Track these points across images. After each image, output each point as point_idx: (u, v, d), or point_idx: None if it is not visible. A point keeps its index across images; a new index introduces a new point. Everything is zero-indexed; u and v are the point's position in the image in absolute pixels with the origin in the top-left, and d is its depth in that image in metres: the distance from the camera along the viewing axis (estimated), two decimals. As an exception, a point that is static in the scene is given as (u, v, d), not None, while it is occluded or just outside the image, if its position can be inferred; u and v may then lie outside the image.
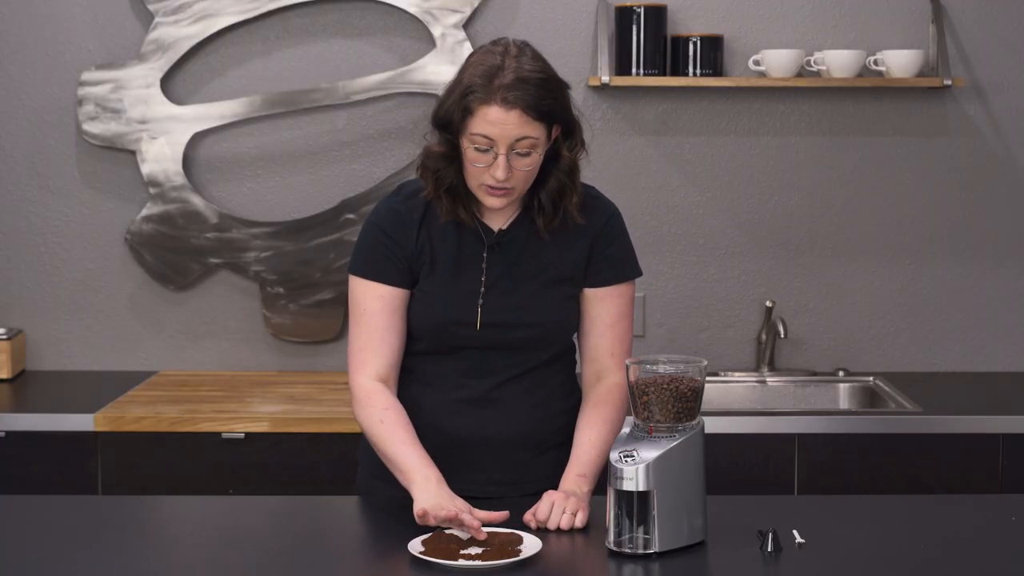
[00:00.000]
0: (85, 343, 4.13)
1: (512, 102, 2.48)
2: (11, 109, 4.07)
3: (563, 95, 2.57)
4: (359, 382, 2.62)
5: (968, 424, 3.57)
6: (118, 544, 2.43)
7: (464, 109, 2.51)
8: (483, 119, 2.49)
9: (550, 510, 2.48)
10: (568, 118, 2.58)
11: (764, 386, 4.06)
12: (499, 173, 2.50)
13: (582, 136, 2.61)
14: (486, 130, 2.49)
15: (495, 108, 2.49)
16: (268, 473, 3.55)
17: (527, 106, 2.48)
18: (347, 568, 2.34)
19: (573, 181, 2.61)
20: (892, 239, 4.13)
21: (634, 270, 2.71)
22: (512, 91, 2.48)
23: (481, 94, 2.49)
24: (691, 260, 4.14)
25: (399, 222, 2.62)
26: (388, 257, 2.62)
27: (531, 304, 2.63)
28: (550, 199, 2.60)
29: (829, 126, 4.10)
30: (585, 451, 2.62)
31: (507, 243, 2.64)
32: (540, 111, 2.50)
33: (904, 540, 2.43)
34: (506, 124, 2.48)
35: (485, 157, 2.51)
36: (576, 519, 2.47)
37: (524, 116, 2.49)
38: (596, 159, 4.08)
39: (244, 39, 4.07)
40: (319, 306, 4.07)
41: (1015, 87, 4.09)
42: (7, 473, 3.54)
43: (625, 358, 2.67)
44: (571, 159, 2.60)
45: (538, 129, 2.51)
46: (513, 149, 2.50)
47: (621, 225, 2.70)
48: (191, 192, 4.05)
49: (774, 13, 4.08)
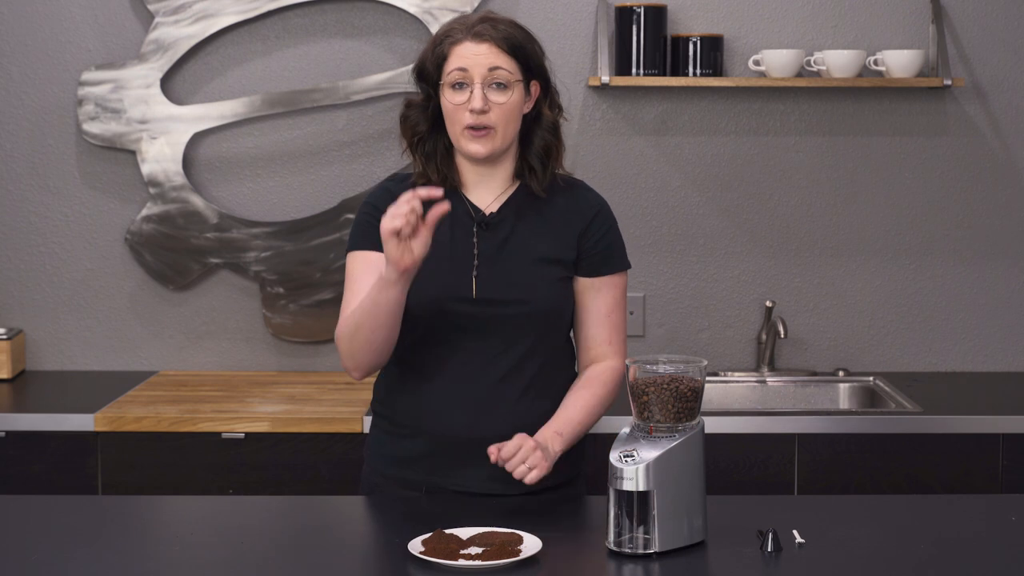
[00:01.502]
0: (85, 343, 4.13)
1: (482, 35, 2.61)
2: (11, 109, 4.07)
3: (533, 42, 2.67)
4: (336, 332, 2.66)
5: (968, 424, 3.57)
6: (118, 544, 2.43)
7: (439, 56, 2.64)
8: (456, 56, 2.62)
9: (514, 453, 2.52)
10: (542, 68, 2.68)
11: (764, 386, 4.06)
12: (476, 103, 2.59)
13: (559, 100, 2.72)
14: (460, 63, 2.61)
15: (467, 43, 2.61)
16: (268, 473, 3.55)
17: (497, 39, 2.61)
18: (347, 568, 2.34)
19: (557, 138, 2.72)
20: (892, 239, 4.13)
21: (624, 262, 2.76)
22: (481, 26, 2.62)
23: (453, 36, 2.64)
24: (691, 260, 4.14)
25: (390, 199, 2.64)
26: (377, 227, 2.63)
27: (523, 281, 2.66)
28: (539, 158, 2.69)
29: (829, 126, 4.11)
30: (567, 413, 2.66)
31: (496, 224, 2.68)
32: (511, 45, 2.62)
33: (904, 540, 2.43)
34: (478, 55, 2.60)
35: (462, 94, 2.61)
36: (529, 476, 2.51)
37: (495, 48, 2.61)
38: (596, 159, 4.09)
39: (244, 39, 4.07)
40: (319, 306, 4.07)
41: (1015, 87, 4.09)
42: (7, 473, 3.54)
43: (621, 346, 2.72)
44: (552, 117, 2.71)
45: (511, 64, 2.62)
46: (489, 82, 2.60)
47: (611, 217, 2.76)
48: (191, 192, 4.05)
49: (774, 13, 4.08)
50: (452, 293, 2.64)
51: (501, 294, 2.65)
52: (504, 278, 2.66)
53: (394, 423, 2.71)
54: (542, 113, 2.69)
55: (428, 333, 2.67)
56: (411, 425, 2.69)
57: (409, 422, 2.69)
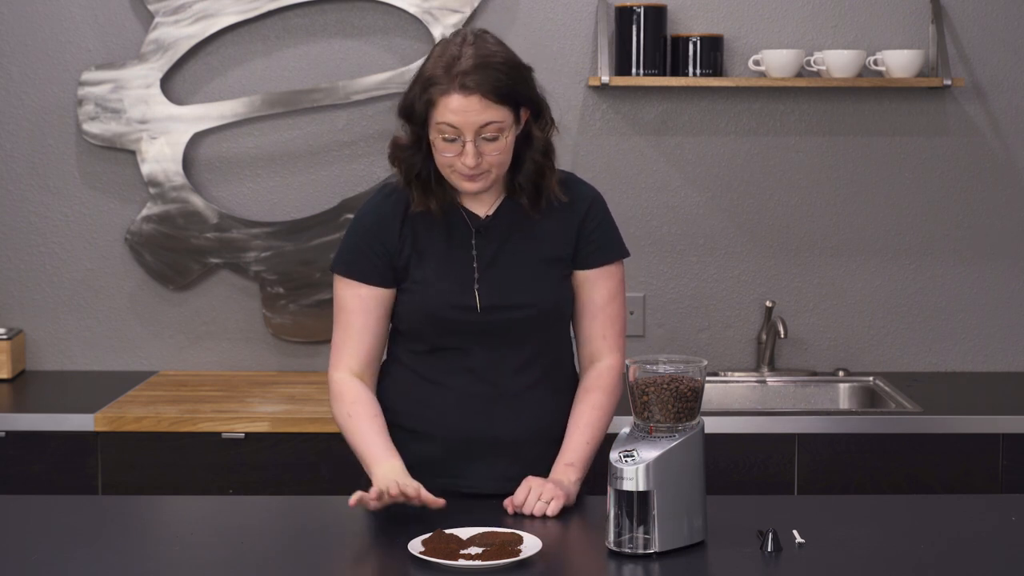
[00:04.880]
0: (85, 343, 4.13)
1: (471, 88, 2.51)
2: (11, 109, 4.07)
3: (523, 77, 2.59)
4: (332, 377, 2.69)
5: (968, 424, 3.57)
6: (118, 544, 2.43)
7: (427, 101, 2.55)
8: (445, 108, 2.53)
9: (526, 496, 2.53)
10: (533, 98, 2.61)
11: (764, 386, 4.06)
12: (468, 160, 2.54)
13: (551, 115, 2.65)
14: (450, 119, 2.53)
15: (455, 96, 2.52)
16: (268, 473, 3.55)
17: (487, 90, 2.52)
18: (347, 568, 2.34)
19: (549, 159, 2.65)
20: (892, 239, 4.13)
21: (621, 251, 2.74)
22: (470, 76, 2.51)
23: (441, 84, 2.53)
24: (691, 260, 4.14)
25: (381, 219, 2.65)
26: (368, 256, 2.65)
27: (527, 285, 2.65)
28: (530, 181, 2.64)
29: (829, 126, 4.10)
30: (574, 440, 2.66)
31: (494, 228, 2.67)
32: (500, 94, 2.53)
33: (904, 540, 2.43)
34: (468, 111, 2.52)
35: (454, 146, 2.55)
36: (549, 507, 2.52)
37: (485, 100, 2.52)
38: (596, 159, 4.09)
39: (244, 39, 4.07)
40: (319, 306, 4.07)
41: (1015, 87, 4.09)
42: (7, 473, 3.54)
43: (618, 340, 2.72)
44: (544, 139, 2.64)
45: (502, 112, 2.54)
46: (480, 135, 2.54)
47: (604, 207, 2.74)
48: (191, 192, 4.05)
49: (774, 13, 4.08)
50: (455, 304, 2.64)
51: (505, 300, 2.64)
52: (507, 284, 2.65)
53: (403, 428, 2.70)
54: (533, 135, 2.63)
55: (434, 342, 2.68)
56: (421, 430, 2.69)
57: (418, 427, 2.69)
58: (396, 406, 2.71)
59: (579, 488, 2.63)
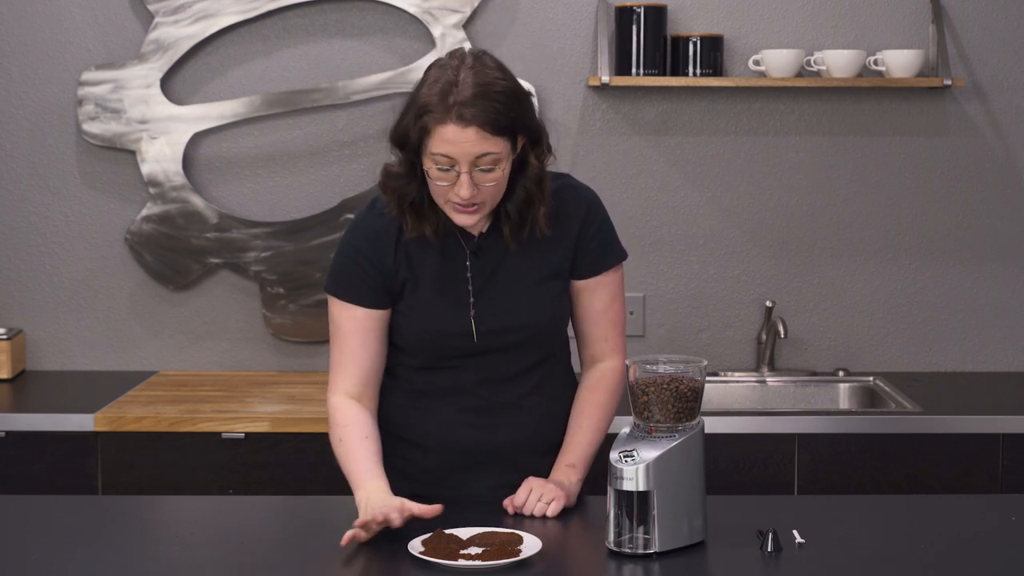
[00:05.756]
0: (85, 343, 4.13)
1: (468, 119, 2.41)
2: (11, 109, 4.07)
3: (523, 105, 2.48)
4: (329, 402, 2.65)
5: (968, 424, 3.57)
6: (118, 544, 2.43)
7: (421, 129, 2.44)
8: (440, 139, 2.42)
9: (527, 496, 2.53)
10: (531, 127, 2.51)
11: (764, 386, 4.06)
12: (464, 192, 2.45)
13: (548, 142, 2.55)
14: (445, 149, 2.43)
15: (451, 127, 2.41)
16: (268, 473, 3.55)
17: (484, 122, 2.41)
18: (347, 568, 2.34)
19: (541, 190, 2.54)
20: (892, 239, 4.13)
21: (620, 254, 2.69)
22: (468, 108, 2.40)
23: (437, 113, 2.42)
24: (691, 260, 4.14)
25: (375, 239, 2.60)
26: (362, 277, 2.60)
27: (523, 306, 2.62)
28: (517, 210, 2.54)
29: (829, 126, 4.10)
30: (575, 440, 2.65)
31: (489, 247, 2.61)
32: (498, 126, 2.43)
33: (904, 540, 2.43)
34: (464, 143, 2.41)
35: (448, 176, 2.46)
36: (549, 508, 2.52)
37: (482, 132, 2.41)
38: (596, 159, 4.09)
39: (244, 39, 4.07)
40: (319, 306, 4.07)
41: (1015, 87, 4.09)
42: (7, 473, 3.54)
43: (619, 341, 2.70)
44: (539, 167, 2.53)
45: (499, 144, 2.44)
46: (476, 166, 2.44)
47: (601, 210, 2.66)
48: (191, 192, 4.05)
49: (774, 13, 4.08)
50: (451, 331, 2.61)
51: (502, 324, 2.61)
52: (503, 307, 2.61)
53: (400, 438, 2.70)
54: (527, 161, 2.52)
55: (431, 361, 2.66)
56: (418, 441, 2.68)
57: (416, 438, 2.68)
58: (392, 417, 2.69)
59: (580, 488, 2.63)
